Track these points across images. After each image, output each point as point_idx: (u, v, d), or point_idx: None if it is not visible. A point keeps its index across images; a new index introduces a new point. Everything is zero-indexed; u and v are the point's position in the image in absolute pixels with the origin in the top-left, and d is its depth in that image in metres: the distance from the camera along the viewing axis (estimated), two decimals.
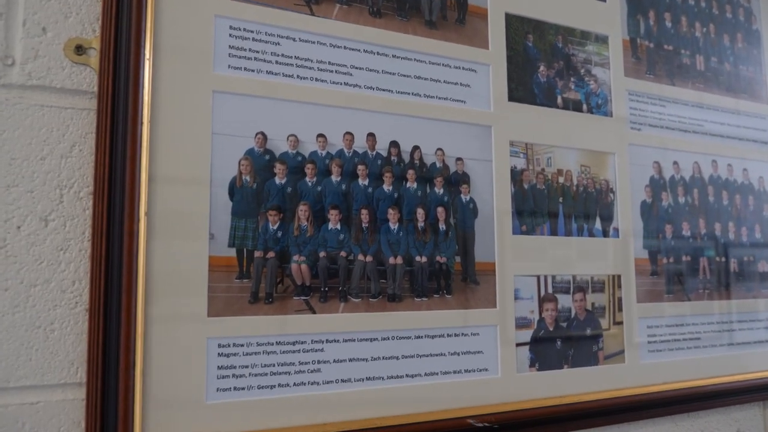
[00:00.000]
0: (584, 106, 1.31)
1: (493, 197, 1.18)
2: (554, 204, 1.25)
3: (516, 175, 1.21)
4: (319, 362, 0.99)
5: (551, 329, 1.21)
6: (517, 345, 1.17)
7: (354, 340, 1.02)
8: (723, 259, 1.46)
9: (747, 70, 1.60)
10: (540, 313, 1.20)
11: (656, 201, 1.38)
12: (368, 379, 1.02)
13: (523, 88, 1.24)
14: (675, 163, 1.42)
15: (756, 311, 1.50)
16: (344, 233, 1.03)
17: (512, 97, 1.22)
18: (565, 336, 1.22)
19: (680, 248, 1.40)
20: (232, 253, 0.95)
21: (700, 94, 1.49)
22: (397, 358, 1.05)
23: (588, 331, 1.25)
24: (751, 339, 1.48)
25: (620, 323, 1.29)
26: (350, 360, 1.01)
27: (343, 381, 1.00)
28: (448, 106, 1.15)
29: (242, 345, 0.94)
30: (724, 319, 1.45)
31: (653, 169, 1.39)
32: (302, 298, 0.99)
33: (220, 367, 0.92)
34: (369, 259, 1.05)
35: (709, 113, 1.50)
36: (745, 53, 1.60)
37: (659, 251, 1.37)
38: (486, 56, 1.20)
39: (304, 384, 0.97)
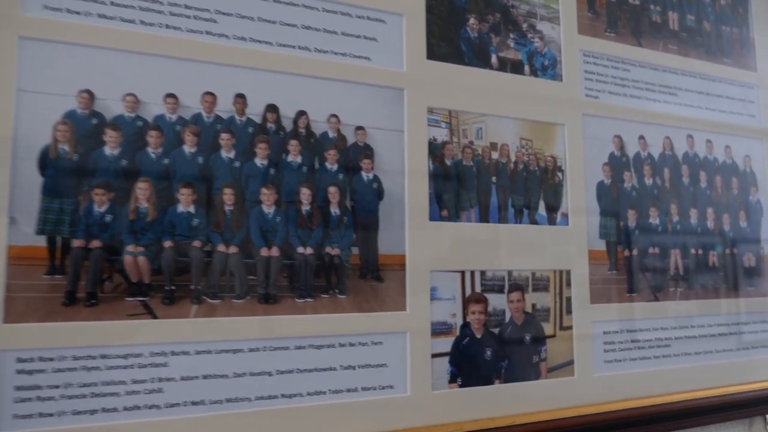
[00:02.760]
0: (526, 68, 1.09)
1: (404, 176, 0.96)
2: (486, 184, 1.03)
3: (436, 149, 0.99)
4: (160, 380, 0.78)
5: (478, 336, 0.99)
6: (433, 356, 0.95)
7: (210, 352, 0.81)
8: (700, 252, 1.23)
9: (731, 31, 1.36)
10: (464, 317, 0.98)
11: (617, 182, 1.16)
12: (229, 401, 0.81)
13: (446, 44, 1.02)
14: (641, 137, 1.19)
15: (742, 313, 1.27)
16: (199, 218, 0.82)
17: (432, 55, 1.01)
18: (496, 344, 1.00)
19: (647, 238, 1.18)
20: (41, 241, 0.74)
21: (673, 57, 1.26)
22: (270, 374, 0.84)
23: (527, 339, 1.03)
24: (735, 346, 1.25)
25: (569, 328, 1.07)
26: (204, 377, 0.80)
27: (193, 404, 0.79)
28: (346, 63, 0.94)
29: (52, 359, 0.74)
30: (701, 323, 1.22)
31: (613, 144, 1.16)
32: (138, 299, 0.78)
33: (19, 388, 0.72)
34: (233, 250, 0.84)
35: (685, 80, 1.27)
36: (728, 11, 1.37)
37: (620, 242, 1.14)
38: (398, 4, 0.99)
39: (139, 408, 0.77)
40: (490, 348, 1.00)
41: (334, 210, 0.91)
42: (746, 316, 1.27)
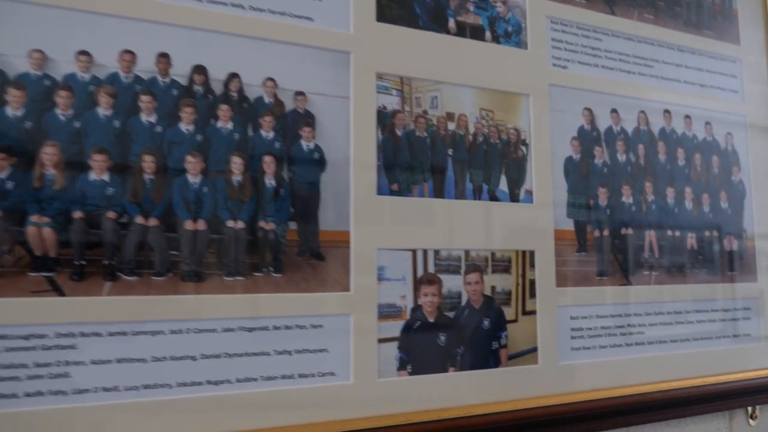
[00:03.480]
0: (487, 34, 1.01)
1: (349, 145, 0.89)
2: (441, 157, 0.96)
3: (385, 118, 0.92)
4: (67, 363, 0.71)
5: (431, 320, 0.92)
6: (381, 341, 0.88)
7: (125, 334, 0.74)
8: (677, 233, 1.16)
9: (712, 1, 1.29)
10: (416, 300, 0.91)
11: (586, 158, 1.08)
12: (147, 387, 0.74)
13: (398, 5, 0.95)
14: (614, 111, 1.12)
15: (722, 299, 1.20)
16: (114, 186, 0.75)
17: (383, 17, 0.93)
18: (451, 329, 0.93)
19: (619, 218, 1.10)
20: None
21: (649, 27, 1.18)
22: (194, 358, 0.77)
23: (485, 324, 0.96)
24: (715, 334, 1.18)
25: (532, 313, 1.00)
26: (118, 361, 0.73)
27: (105, 390, 0.72)
28: (285, 23, 0.86)
29: None
30: (677, 309, 1.14)
31: (583, 117, 1.09)
32: (43, 274, 0.71)
33: None
34: (153, 222, 0.77)
35: (662, 52, 1.19)
36: None
37: (589, 221, 1.07)
38: None
39: (42, 394, 0.69)
40: (444, 333, 0.92)
41: (269, 181, 0.84)
42: (727, 303, 1.20)
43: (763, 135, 1.29)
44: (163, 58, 0.79)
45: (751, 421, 1.19)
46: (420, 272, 0.92)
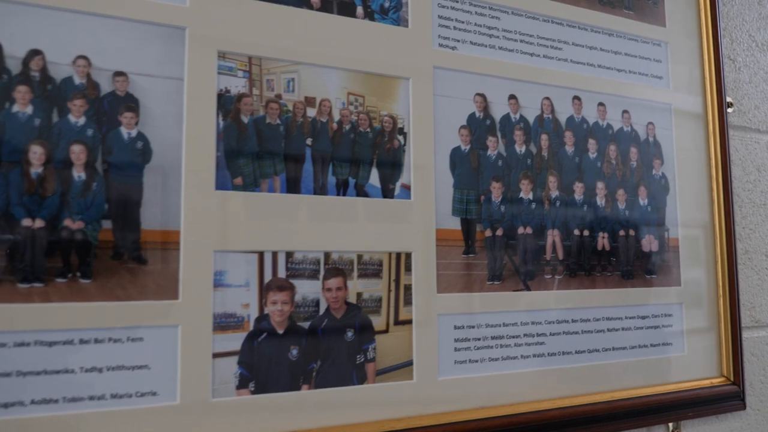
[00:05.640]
0: (359, 9, 0.91)
1: (182, 134, 0.78)
2: (297, 147, 0.85)
3: (228, 102, 0.81)
4: None
5: (280, 332, 0.81)
6: (216, 356, 0.77)
7: None
8: (586, 233, 1.05)
9: None
10: (261, 308, 0.80)
11: (477, 149, 0.97)
12: None
13: None
14: (512, 97, 1.01)
15: (638, 305, 1.09)
16: None
17: None
18: (305, 342, 0.82)
19: (516, 216, 0.99)
20: None
21: (558, 5, 1.07)
22: None
23: (349, 335, 0.85)
24: (628, 344, 1.07)
25: (407, 322, 0.89)
26: None
27: None
28: None
29: None
30: (585, 317, 1.03)
31: (475, 104, 0.98)
32: None
33: None
34: None
35: (572, 32, 1.08)
36: None
37: (480, 220, 0.96)
38: None
39: None
40: (296, 346, 0.82)
41: (78, 174, 0.73)
42: (644, 309, 1.09)
43: (691, 125, 1.18)
44: None
45: None
46: (268, 277, 0.81)
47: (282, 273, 0.82)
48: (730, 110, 1.25)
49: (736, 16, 1.31)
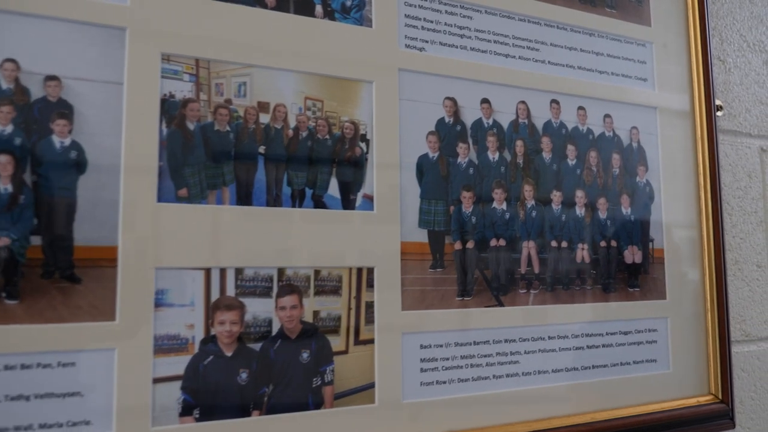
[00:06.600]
0: (318, 8, 0.85)
1: (121, 142, 0.73)
2: (248, 156, 0.80)
3: (173, 108, 0.76)
4: None
5: (228, 354, 0.75)
6: (157, 381, 0.72)
7: None
8: (564, 244, 0.99)
9: None
10: (208, 329, 0.75)
11: (446, 156, 0.92)
12: None
13: None
14: (485, 101, 0.95)
15: (618, 320, 1.03)
16: None
17: None
18: (256, 365, 0.77)
19: (488, 227, 0.94)
20: None
21: (534, 4, 1.02)
22: None
23: (304, 356, 0.80)
24: (609, 361, 1.01)
25: (368, 342, 0.84)
26: None
27: None
28: None
29: None
30: (562, 333, 0.98)
31: (445, 108, 0.92)
32: None
33: None
34: None
35: (550, 33, 1.03)
36: None
37: (448, 232, 0.90)
38: None
39: None
40: (246, 369, 0.76)
41: (5, 186, 0.68)
42: (627, 324, 1.03)
43: (677, 130, 1.12)
44: None
45: None
46: (215, 296, 0.76)
47: (231, 291, 0.76)
48: (719, 113, 1.19)
49: (726, 14, 1.26)
